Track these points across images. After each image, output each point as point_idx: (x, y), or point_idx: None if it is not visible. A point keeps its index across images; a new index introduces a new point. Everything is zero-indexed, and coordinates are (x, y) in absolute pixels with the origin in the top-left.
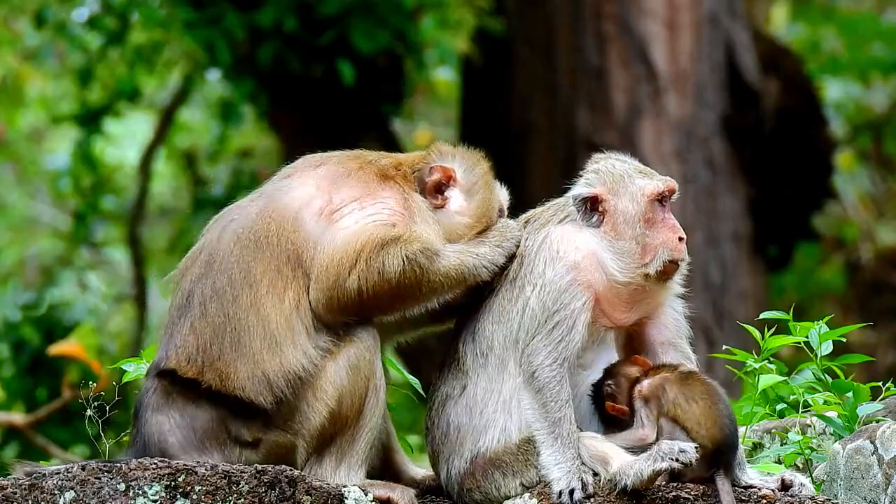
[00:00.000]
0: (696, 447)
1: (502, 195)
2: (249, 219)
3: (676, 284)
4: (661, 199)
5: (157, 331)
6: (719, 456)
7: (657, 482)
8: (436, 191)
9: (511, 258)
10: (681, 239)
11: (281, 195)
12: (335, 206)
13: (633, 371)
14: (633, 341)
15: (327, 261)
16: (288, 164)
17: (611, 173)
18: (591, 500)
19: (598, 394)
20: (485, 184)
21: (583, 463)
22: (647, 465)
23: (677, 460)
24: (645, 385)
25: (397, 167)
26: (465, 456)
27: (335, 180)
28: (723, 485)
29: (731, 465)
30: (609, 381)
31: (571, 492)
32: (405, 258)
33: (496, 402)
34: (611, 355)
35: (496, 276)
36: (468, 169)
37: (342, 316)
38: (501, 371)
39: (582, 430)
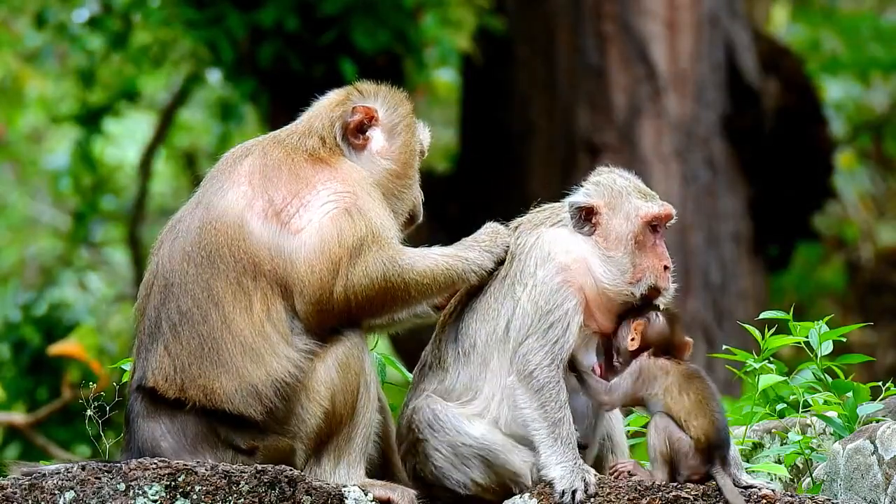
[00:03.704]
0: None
1: (425, 137)
2: (194, 233)
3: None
4: (656, 224)
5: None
6: (714, 450)
7: (657, 482)
8: (357, 131)
9: (500, 263)
10: (666, 268)
11: (217, 200)
12: (278, 207)
13: (677, 340)
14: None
15: (305, 275)
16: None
17: (610, 188)
18: (592, 499)
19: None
20: (407, 125)
21: (583, 463)
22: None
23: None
24: (654, 360)
25: (322, 141)
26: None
27: (267, 175)
28: (724, 482)
29: (726, 459)
30: (664, 314)
31: (574, 492)
32: (383, 262)
33: (478, 401)
34: (591, 360)
35: (484, 280)
36: (391, 109)
37: (334, 324)
38: (484, 370)
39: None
